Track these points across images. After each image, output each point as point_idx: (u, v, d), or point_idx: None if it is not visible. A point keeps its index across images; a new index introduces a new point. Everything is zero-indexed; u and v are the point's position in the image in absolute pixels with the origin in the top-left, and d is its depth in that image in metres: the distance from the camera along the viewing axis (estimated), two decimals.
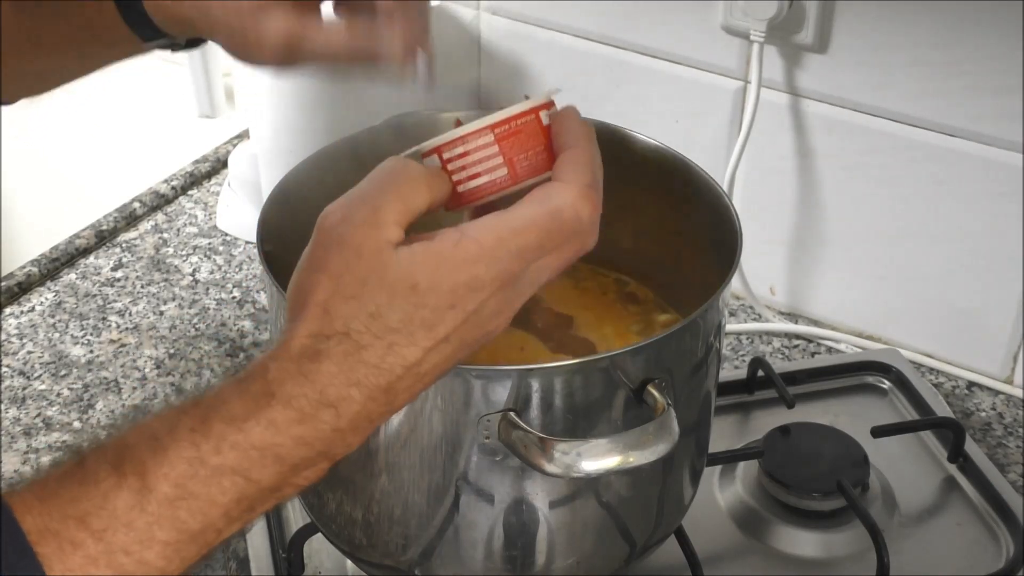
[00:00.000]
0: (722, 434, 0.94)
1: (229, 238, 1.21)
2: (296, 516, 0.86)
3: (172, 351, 1.06)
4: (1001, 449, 0.98)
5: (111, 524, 0.51)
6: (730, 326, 1.09)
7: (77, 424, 0.98)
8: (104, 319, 1.10)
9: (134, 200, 1.24)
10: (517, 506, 0.67)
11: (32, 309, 1.11)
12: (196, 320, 1.10)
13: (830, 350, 1.08)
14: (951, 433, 0.92)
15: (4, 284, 1.12)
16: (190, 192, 1.28)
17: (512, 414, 0.63)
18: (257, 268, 1.16)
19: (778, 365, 1.01)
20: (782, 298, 1.12)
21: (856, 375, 1.01)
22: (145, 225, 1.23)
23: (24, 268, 1.14)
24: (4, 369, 1.04)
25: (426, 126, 0.75)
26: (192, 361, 1.05)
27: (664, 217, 0.82)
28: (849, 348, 1.08)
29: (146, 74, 1.59)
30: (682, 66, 1.06)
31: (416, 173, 0.56)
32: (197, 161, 1.31)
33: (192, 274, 1.16)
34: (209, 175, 1.30)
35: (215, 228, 1.22)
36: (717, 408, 0.86)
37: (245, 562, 0.85)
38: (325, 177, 0.71)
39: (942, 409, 0.97)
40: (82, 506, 0.51)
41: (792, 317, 1.12)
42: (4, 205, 1.88)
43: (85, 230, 1.20)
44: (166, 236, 1.21)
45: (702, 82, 1.06)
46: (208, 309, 1.11)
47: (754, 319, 1.11)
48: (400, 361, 0.55)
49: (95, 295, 1.13)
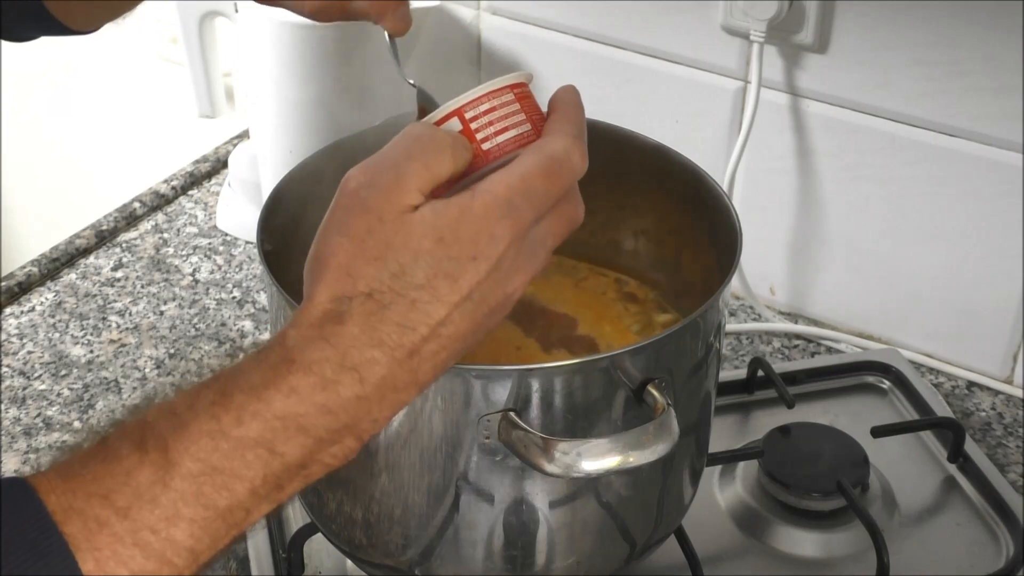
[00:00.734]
0: (722, 434, 0.94)
1: (229, 238, 1.21)
2: (296, 516, 0.85)
3: (172, 351, 1.06)
4: (1001, 449, 0.98)
5: (135, 501, 0.50)
6: (730, 326, 1.09)
7: (77, 424, 0.98)
8: (104, 319, 1.10)
9: (134, 200, 1.24)
10: (517, 506, 0.67)
11: (32, 309, 1.11)
12: (196, 320, 1.10)
13: (830, 350, 1.08)
14: (951, 433, 0.92)
15: (4, 284, 1.12)
16: (190, 192, 1.28)
17: (512, 414, 0.63)
18: (257, 268, 1.16)
19: (778, 365, 1.01)
20: (782, 298, 1.12)
21: (856, 375, 1.01)
22: (145, 225, 1.23)
23: (24, 268, 1.14)
24: (4, 369, 1.04)
25: None
26: (192, 361, 1.05)
27: (664, 217, 0.82)
28: (849, 348, 1.08)
29: (146, 74, 1.60)
30: (682, 66, 1.06)
31: (442, 140, 0.57)
32: (197, 161, 1.31)
33: (192, 274, 1.16)
34: (209, 175, 1.30)
35: (215, 228, 1.22)
36: (717, 408, 0.86)
37: (245, 562, 0.85)
38: (325, 177, 0.71)
39: (942, 409, 0.97)
40: (105, 484, 0.50)
41: (792, 317, 1.12)
42: (4, 205, 1.88)
43: (85, 230, 1.20)
44: (166, 236, 1.21)
45: (702, 82, 1.06)
46: (208, 309, 1.11)
47: (754, 319, 1.11)
48: (424, 319, 0.54)
49: (95, 295, 1.13)
